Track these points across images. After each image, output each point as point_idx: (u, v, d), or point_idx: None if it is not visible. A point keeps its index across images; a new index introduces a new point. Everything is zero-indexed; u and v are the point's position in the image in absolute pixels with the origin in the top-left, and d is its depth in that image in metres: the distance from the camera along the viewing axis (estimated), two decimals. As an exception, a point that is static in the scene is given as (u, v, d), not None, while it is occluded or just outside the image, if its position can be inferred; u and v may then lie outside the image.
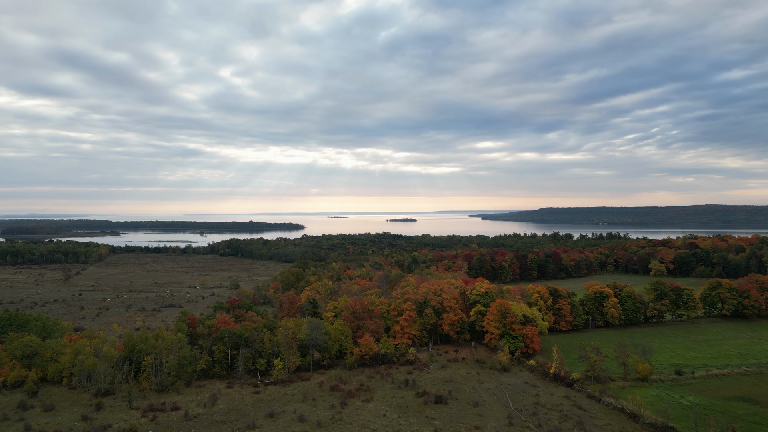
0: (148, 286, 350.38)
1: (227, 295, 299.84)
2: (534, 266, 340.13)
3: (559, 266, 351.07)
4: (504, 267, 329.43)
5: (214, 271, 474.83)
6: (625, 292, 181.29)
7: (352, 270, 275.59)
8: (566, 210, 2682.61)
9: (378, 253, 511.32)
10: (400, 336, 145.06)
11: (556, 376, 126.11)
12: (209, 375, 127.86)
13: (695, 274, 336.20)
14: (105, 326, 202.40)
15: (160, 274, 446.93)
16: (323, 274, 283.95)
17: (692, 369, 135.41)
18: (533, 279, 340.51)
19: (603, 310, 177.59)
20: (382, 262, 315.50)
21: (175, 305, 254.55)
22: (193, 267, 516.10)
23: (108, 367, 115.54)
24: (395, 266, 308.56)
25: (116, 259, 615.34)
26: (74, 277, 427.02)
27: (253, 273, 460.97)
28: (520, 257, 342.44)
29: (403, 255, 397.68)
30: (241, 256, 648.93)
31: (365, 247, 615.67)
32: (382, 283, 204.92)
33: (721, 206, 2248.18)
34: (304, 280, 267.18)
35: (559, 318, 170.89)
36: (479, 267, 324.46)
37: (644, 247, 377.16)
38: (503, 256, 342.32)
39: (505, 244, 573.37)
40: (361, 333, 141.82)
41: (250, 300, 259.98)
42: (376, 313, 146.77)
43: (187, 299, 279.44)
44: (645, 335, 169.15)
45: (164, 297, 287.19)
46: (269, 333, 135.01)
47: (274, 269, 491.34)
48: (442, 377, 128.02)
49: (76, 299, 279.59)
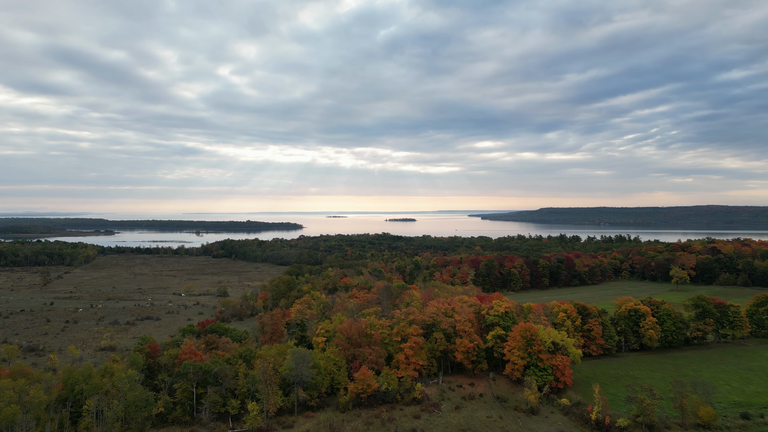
0: (130, 293, 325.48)
1: (213, 304, 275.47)
2: (546, 273, 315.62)
3: (571, 272, 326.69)
4: (513, 274, 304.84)
5: (205, 275, 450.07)
6: (663, 309, 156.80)
7: (349, 278, 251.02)
8: (566, 210, 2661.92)
9: (377, 256, 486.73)
10: (404, 367, 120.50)
11: (599, 423, 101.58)
12: (168, 420, 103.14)
13: (719, 281, 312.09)
14: (65, 345, 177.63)
15: (146, 278, 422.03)
16: (318, 282, 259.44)
17: (759, 409, 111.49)
18: (544, 287, 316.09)
19: (639, 331, 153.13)
20: (382, 268, 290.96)
21: (153, 317, 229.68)
22: (183, 270, 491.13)
23: (35, 417, 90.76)
24: (396, 273, 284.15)
25: (104, 261, 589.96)
26: (55, 281, 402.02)
27: (245, 277, 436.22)
28: (530, 263, 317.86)
29: (404, 260, 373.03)
30: (234, 258, 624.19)
31: (364, 249, 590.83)
32: (382, 296, 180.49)
33: (723, 207, 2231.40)
34: (296, 290, 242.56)
35: (588, 341, 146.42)
36: (487, 274, 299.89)
37: (662, 252, 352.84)
38: (512, 261, 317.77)
39: (510, 247, 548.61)
40: (357, 364, 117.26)
41: (237, 311, 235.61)
42: (376, 339, 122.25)
43: (168, 309, 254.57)
44: (689, 361, 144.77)
45: (143, 307, 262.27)
46: (245, 366, 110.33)
47: (267, 272, 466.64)
48: (456, 423, 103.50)
49: (45, 309, 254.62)
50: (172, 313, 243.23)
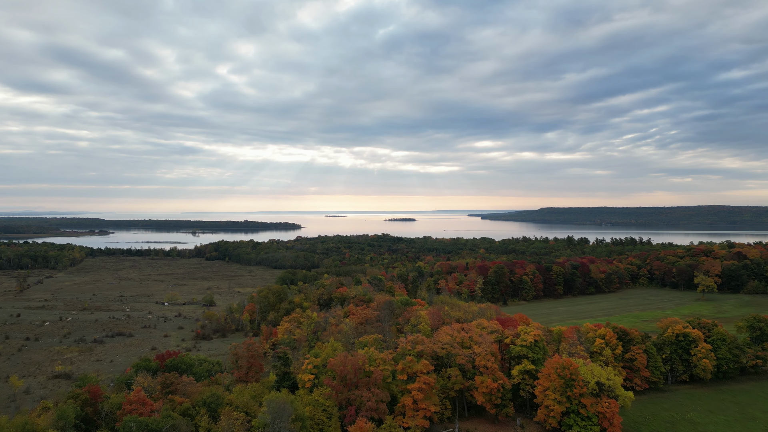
0: (109, 302, 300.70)
1: (196, 315, 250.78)
2: (560, 280, 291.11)
3: (587, 280, 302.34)
4: (525, 281, 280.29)
5: (194, 280, 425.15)
6: (716, 333, 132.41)
7: (346, 288, 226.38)
8: (567, 210, 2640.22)
9: (377, 260, 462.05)
10: (411, 415, 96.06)
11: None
12: (103, 496, 78.57)
13: (747, 290, 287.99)
14: (16, 370, 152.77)
15: (131, 283, 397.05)
16: (311, 292, 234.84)
17: None
18: (558, 295, 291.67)
19: (690, 360, 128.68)
20: (382, 276, 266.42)
21: (125, 333, 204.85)
22: (173, 274, 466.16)
23: None
24: (397, 281, 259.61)
25: (91, 263, 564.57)
26: (34, 287, 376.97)
27: (236, 282, 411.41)
28: (542, 269, 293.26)
29: (406, 265, 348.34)
30: (228, 261, 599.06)
31: (363, 252, 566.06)
32: (383, 313, 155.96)
33: (725, 207, 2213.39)
34: (287, 301, 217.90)
35: (631, 372, 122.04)
36: (496, 282, 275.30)
37: (683, 257, 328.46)
38: (523, 268, 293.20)
39: (516, 250, 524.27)
40: (352, 411, 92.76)
41: (220, 326, 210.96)
42: (376, 379, 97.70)
43: (145, 323, 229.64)
44: (752, 397, 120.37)
45: (118, 320, 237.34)
46: (208, 418, 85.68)
47: (261, 277, 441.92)
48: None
49: (9, 322, 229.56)
50: (149, 327, 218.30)
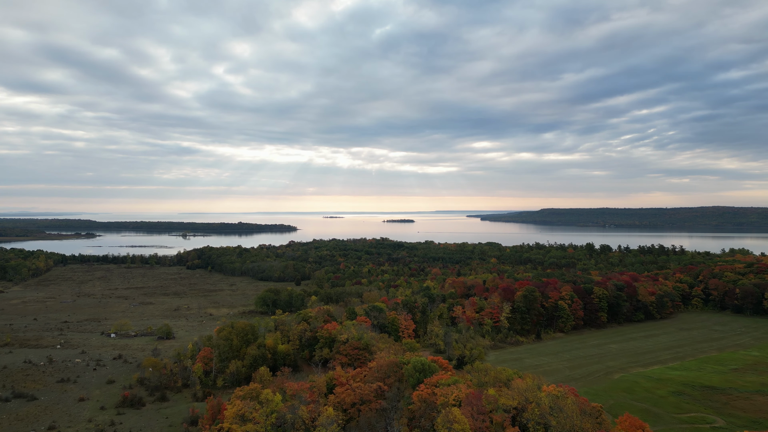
0: (46, 330, 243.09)
1: (144, 354, 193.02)
2: (603, 305, 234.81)
3: (635, 303, 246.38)
4: (562, 308, 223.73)
5: (165, 296, 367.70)
6: None
7: (336, 324, 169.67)
8: (568, 211, 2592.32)
9: (375, 272, 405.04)
10: None
11: None
12: None
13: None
14: None
15: (89, 302, 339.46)
16: (291, 328, 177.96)
17: None
18: (601, 324, 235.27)
19: None
20: (383, 304, 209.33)
21: (26, 395, 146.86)
22: (143, 288, 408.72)
23: None
24: (402, 311, 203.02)
25: (58, 273, 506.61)
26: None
27: (213, 300, 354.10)
28: (581, 292, 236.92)
29: (411, 284, 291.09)
30: (211, 270, 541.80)
31: (360, 261, 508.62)
32: (389, 391, 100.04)
33: (729, 208, 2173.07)
34: (255, 344, 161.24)
35: None
36: (527, 309, 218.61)
37: (745, 274, 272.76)
38: (557, 289, 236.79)
39: (531, 259, 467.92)
40: None
41: (162, 381, 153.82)
42: None
43: (67, 372, 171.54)
44: None
45: (34, 367, 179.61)
46: None
47: (242, 293, 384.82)
48: None
49: None
50: (67, 381, 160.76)
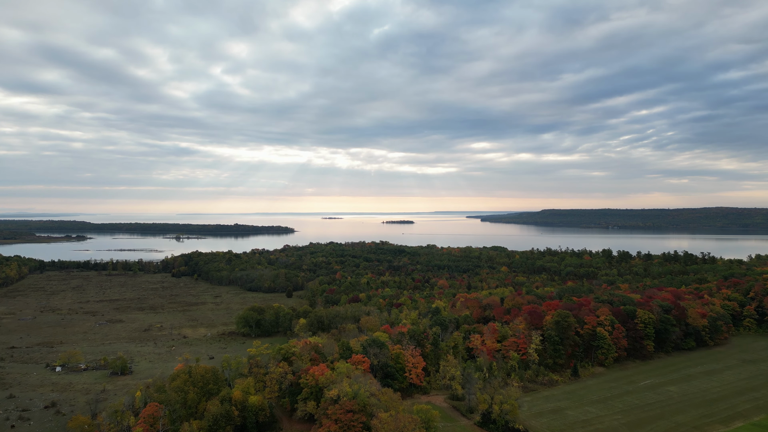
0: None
1: (89, 396, 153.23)
2: (650, 332, 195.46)
3: (684, 328, 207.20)
4: (602, 337, 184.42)
5: (139, 311, 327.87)
6: None
7: (325, 368, 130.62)
8: (569, 212, 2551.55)
9: (374, 283, 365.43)
10: None
11: None
12: None
13: None
14: None
15: (52, 318, 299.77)
16: (267, 370, 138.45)
17: None
18: (647, 355, 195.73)
19: None
20: (387, 333, 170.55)
21: None
22: (119, 300, 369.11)
23: None
24: (409, 341, 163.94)
25: (31, 282, 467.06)
26: None
27: (192, 316, 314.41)
28: (622, 315, 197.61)
29: (418, 304, 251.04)
30: (197, 278, 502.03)
31: (358, 269, 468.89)
32: None
33: (733, 209, 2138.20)
34: (218, 398, 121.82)
35: None
36: (560, 339, 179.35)
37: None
38: (593, 312, 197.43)
39: (545, 267, 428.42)
40: None
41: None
42: None
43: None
44: None
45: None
46: None
47: (227, 307, 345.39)
48: None
49: None
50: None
